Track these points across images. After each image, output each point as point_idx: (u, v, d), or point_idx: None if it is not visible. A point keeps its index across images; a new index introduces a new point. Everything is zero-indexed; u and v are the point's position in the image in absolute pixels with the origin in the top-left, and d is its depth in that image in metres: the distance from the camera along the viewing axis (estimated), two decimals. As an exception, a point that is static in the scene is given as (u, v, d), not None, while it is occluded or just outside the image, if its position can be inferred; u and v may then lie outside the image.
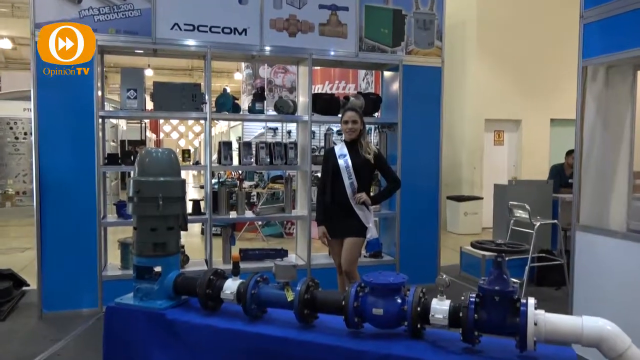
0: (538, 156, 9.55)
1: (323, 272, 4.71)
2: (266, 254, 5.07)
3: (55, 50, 3.02)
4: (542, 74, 9.43)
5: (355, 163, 3.72)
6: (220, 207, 4.87)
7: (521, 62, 9.39)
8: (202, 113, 4.66)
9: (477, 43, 9.38)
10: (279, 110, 5.06)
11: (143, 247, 2.49)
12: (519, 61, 9.38)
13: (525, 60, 9.39)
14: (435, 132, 5.28)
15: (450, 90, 8.43)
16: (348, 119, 3.74)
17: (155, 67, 15.79)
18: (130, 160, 4.51)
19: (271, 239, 8.20)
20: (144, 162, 2.52)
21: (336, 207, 3.75)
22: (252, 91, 10.18)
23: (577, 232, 3.64)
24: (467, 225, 8.92)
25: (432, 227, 5.32)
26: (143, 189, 2.44)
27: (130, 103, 4.47)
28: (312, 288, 2.22)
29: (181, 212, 2.56)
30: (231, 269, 2.40)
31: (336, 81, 10.49)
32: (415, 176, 5.18)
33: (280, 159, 4.94)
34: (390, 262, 5.19)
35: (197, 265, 4.71)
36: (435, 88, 5.26)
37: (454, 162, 9.66)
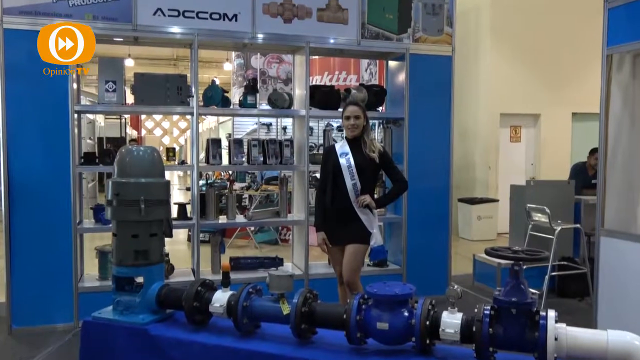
0: (559, 154, 9.56)
1: (322, 282, 4.72)
2: (259, 262, 5.07)
3: (55, 50, 3.25)
4: (563, 64, 9.45)
5: (358, 162, 3.72)
6: (208, 211, 4.86)
7: (540, 51, 9.41)
8: (188, 107, 4.65)
9: (492, 30, 9.40)
10: (273, 104, 5.06)
11: (123, 255, 2.49)
12: (537, 49, 9.40)
13: (545, 48, 9.41)
14: (446, 128, 5.29)
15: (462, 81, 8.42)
16: (350, 113, 3.74)
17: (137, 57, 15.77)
18: (109, 160, 4.50)
19: (265, 247, 8.19)
20: (124, 161, 2.52)
21: (337, 211, 3.75)
22: (243, 83, 10.18)
23: (602, 238, 3.65)
24: (481, 231, 8.93)
25: (442, 232, 5.33)
26: (123, 192, 2.44)
27: (109, 96, 4.46)
28: (311, 300, 2.22)
29: (165, 216, 2.55)
30: (221, 279, 2.40)
31: (336, 72, 10.50)
32: (424, 177, 5.19)
33: (274, 158, 4.94)
34: (396, 271, 5.20)
35: (183, 276, 4.70)
36: (445, 79, 5.26)
37: (466, 161, 9.66)
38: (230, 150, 4.92)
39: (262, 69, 11.28)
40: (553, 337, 1.82)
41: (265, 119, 9.82)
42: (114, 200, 2.46)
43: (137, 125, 25.88)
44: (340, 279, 3.82)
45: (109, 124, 15.59)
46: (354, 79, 10.36)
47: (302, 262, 4.99)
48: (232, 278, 2.44)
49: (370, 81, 9.69)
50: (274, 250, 7.56)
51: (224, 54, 16.22)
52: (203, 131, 15.74)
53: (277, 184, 7.21)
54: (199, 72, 4.82)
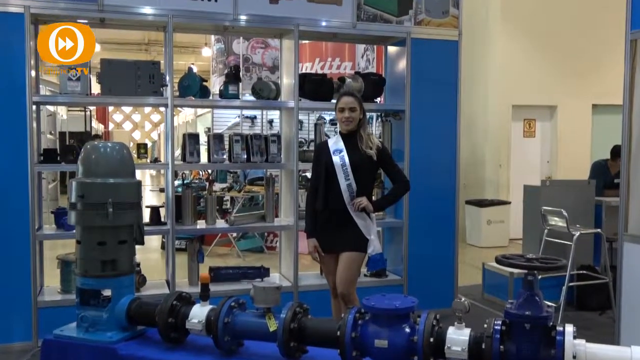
0: (577, 150, 9.63)
1: (314, 295, 4.71)
2: (243, 273, 5.06)
3: (55, 50, 3.53)
4: (583, 50, 9.51)
5: (354, 160, 3.72)
6: (185, 216, 4.85)
7: (557, 35, 9.46)
8: (161, 98, 4.64)
9: (503, 11, 9.45)
10: (258, 94, 5.06)
11: (88, 265, 2.48)
12: (554, 33, 9.46)
13: (562, 32, 9.46)
14: (452, 122, 5.31)
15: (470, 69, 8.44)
16: (344, 105, 3.74)
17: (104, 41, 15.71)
18: (72, 158, 4.48)
19: (249, 255, 8.18)
20: (89, 159, 2.51)
21: (330, 215, 3.75)
22: (224, 71, 10.14)
23: (625, 244, 3.68)
24: (491, 236, 8.98)
25: (448, 238, 5.35)
26: (88, 193, 2.43)
27: (72, 86, 4.44)
28: (300, 315, 2.22)
29: (136, 221, 2.55)
30: (199, 292, 2.39)
31: (329, 59, 10.51)
32: (428, 176, 5.21)
33: (259, 155, 4.94)
34: (396, 282, 5.21)
35: (157, 288, 4.69)
36: (451, 67, 5.28)
37: (475, 159, 9.70)
38: (210, 146, 4.91)
39: (246, 55, 11.27)
40: (571, 354, 1.83)
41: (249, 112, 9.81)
42: (78, 203, 2.45)
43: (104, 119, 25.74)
44: (334, 291, 3.82)
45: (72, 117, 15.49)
46: (348, 67, 10.38)
47: (291, 273, 4.99)
48: (211, 290, 2.43)
49: (367, 69, 9.71)
50: (259, 259, 7.55)
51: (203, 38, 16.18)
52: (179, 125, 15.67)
53: (262, 184, 7.21)
54: (174, 59, 4.80)
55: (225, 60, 11.73)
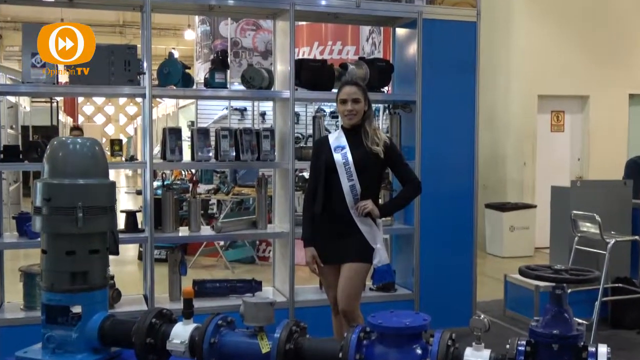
0: (612, 146, 9.64)
1: (312, 311, 4.71)
2: (231, 287, 5.06)
3: (55, 50, 3.83)
4: (619, 33, 9.52)
5: (358, 158, 3.73)
6: (165, 222, 4.85)
7: (589, 16, 9.48)
8: (138, 88, 4.64)
9: (527, -12, 9.48)
10: (248, 83, 5.06)
11: (55, 278, 2.48)
12: (585, 15, 9.47)
13: (595, 13, 9.48)
14: (469, 114, 5.31)
15: (490, 54, 8.46)
16: (347, 96, 3.75)
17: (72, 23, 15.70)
18: (37, 155, 4.48)
19: (238, 266, 8.18)
20: (56, 157, 2.51)
21: (330, 220, 3.76)
22: (209, 57, 10.16)
23: (667, 253, 3.69)
24: (514, 245, 8.98)
25: (466, 247, 5.35)
26: (55, 196, 2.43)
27: (36, 74, 4.44)
28: (297, 334, 2.22)
29: (110, 228, 2.55)
30: (181, 308, 2.39)
31: (329, 42, 10.52)
32: (442, 176, 5.21)
33: (250, 153, 4.94)
34: (406, 297, 5.21)
35: (133, 304, 4.69)
36: (469, 52, 5.29)
37: (496, 156, 9.70)
38: (194, 142, 4.91)
39: (234, 38, 11.27)
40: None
41: (238, 103, 9.81)
42: (43, 207, 2.44)
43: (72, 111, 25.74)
44: (335, 308, 3.82)
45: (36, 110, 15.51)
46: (352, 52, 10.38)
47: (286, 286, 4.99)
48: (196, 307, 2.43)
49: (372, 54, 9.71)
50: (250, 271, 7.54)
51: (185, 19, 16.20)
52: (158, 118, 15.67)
53: (253, 185, 7.21)
54: (153, 43, 4.80)
55: (211, 44, 11.73)
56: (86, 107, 32.17)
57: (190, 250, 8.23)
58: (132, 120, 30.50)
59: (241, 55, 11.21)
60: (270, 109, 6.55)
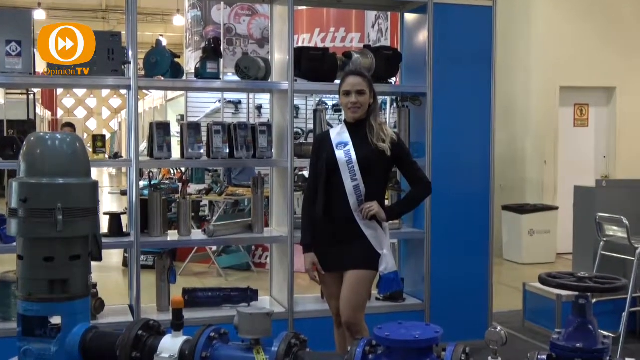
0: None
1: (312, 323, 4.72)
2: (225, 296, 5.07)
3: (55, 50, 4.10)
4: (647, 18, 9.52)
5: (363, 156, 3.73)
6: (152, 225, 4.85)
7: (614, 1, 9.46)
8: (123, 79, 4.65)
9: (548, -30, 9.46)
10: (243, 73, 5.06)
11: (33, 286, 2.47)
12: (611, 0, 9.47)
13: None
14: (485, 108, 5.31)
15: (508, 42, 8.45)
16: (350, 88, 3.75)
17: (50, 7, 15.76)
18: (12, 153, 4.48)
19: (232, 274, 8.19)
20: (33, 154, 2.51)
21: (332, 224, 3.76)
22: (201, 44, 10.17)
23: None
24: (534, 251, 8.98)
25: (481, 253, 5.35)
26: (33, 197, 2.43)
27: (11, 63, 4.44)
28: (297, 348, 2.22)
29: (92, 232, 2.55)
30: (170, 320, 2.40)
31: (332, 29, 10.52)
32: (455, 175, 5.21)
33: (245, 150, 4.95)
34: (416, 307, 5.21)
35: (118, 315, 4.69)
36: (484, 39, 5.28)
37: (514, 154, 9.70)
38: (183, 138, 4.92)
39: (228, 24, 11.27)
40: (633, 397, 1.84)
41: (232, 95, 9.82)
42: (19, 209, 2.44)
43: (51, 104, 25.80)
44: (338, 319, 3.83)
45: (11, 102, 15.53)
46: (356, 39, 10.38)
47: (285, 296, 4.99)
48: (186, 318, 2.44)
49: (379, 42, 9.71)
50: (245, 279, 7.56)
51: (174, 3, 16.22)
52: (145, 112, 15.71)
53: (249, 185, 7.21)
54: (139, 29, 4.80)
55: (203, 31, 11.72)
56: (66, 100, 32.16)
57: (180, 256, 8.24)
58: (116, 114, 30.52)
59: (235, 43, 11.20)
60: (267, 101, 6.55)
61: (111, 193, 18.98)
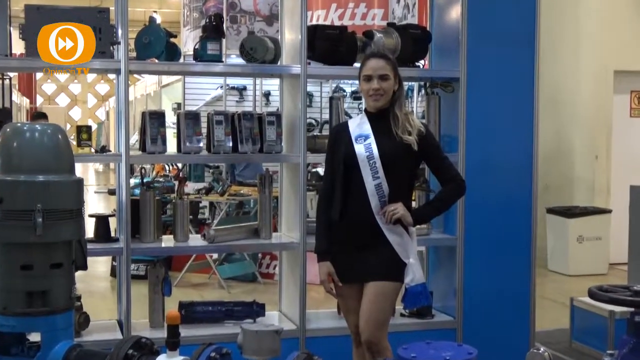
0: None
1: (327, 342, 4.72)
2: (227, 311, 5.08)
3: (55, 50, 4.31)
4: None
5: (386, 150, 3.74)
6: (144, 229, 4.87)
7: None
8: (112, 61, 4.67)
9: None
10: (249, 55, 5.07)
11: (9, 299, 2.49)
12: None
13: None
14: (527, 96, 5.29)
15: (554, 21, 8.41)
16: (372, 72, 3.75)
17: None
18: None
19: (236, 285, 8.21)
20: (9, 148, 2.52)
21: (351, 228, 3.77)
22: (200, 22, 10.19)
23: None
24: (584, 260, 8.94)
25: (522, 263, 5.33)
26: (9, 197, 2.45)
27: (-15, 44, 4.48)
28: (309, 371, 2.23)
29: (76, 237, 2.56)
30: (165, 337, 2.41)
31: (350, 5, 10.51)
32: (492, 173, 5.20)
33: (251, 143, 4.96)
34: (446, 324, 5.21)
35: (105, 331, 4.72)
36: (526, 17, 5.26)
37: (561, 149, 9.66)
38: (180, 130, 4.94)
39: (231, 0, 11.30)
40: None
41: (235, 80, 9.84)
42: (-6, 210, 2.46)
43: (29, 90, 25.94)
44: (357, 337, 3.84)
45: (-16, 88, 15.64)
46: (379, 17, 10.38)
47: (296, 311, 5.00)
48: (183, 336, 2.45)
49: (405, 20, 9.70)
50: (251, 292, 7.58)
51: (170, -25, 16.26)
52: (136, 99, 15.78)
53: (255, 184, 7.23)
54: (130, 5, 4.83)
55: (202, 6, 11.76)
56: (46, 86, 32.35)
57: (176, 265, 8.27)
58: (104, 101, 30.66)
59: (240, 20, 11.23)
60: (276, 88, 6.57)
61: (98, 192, 19.08)
